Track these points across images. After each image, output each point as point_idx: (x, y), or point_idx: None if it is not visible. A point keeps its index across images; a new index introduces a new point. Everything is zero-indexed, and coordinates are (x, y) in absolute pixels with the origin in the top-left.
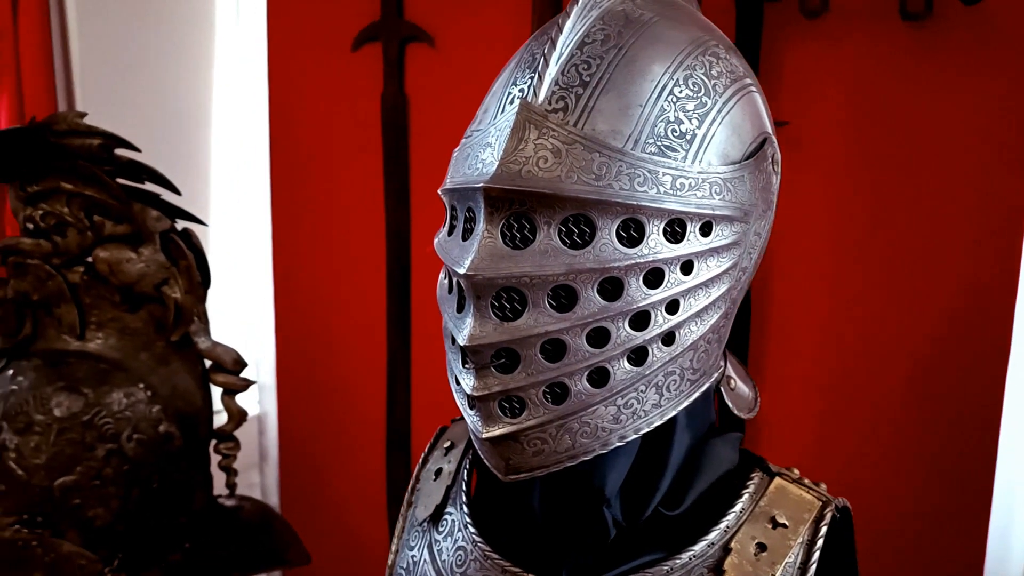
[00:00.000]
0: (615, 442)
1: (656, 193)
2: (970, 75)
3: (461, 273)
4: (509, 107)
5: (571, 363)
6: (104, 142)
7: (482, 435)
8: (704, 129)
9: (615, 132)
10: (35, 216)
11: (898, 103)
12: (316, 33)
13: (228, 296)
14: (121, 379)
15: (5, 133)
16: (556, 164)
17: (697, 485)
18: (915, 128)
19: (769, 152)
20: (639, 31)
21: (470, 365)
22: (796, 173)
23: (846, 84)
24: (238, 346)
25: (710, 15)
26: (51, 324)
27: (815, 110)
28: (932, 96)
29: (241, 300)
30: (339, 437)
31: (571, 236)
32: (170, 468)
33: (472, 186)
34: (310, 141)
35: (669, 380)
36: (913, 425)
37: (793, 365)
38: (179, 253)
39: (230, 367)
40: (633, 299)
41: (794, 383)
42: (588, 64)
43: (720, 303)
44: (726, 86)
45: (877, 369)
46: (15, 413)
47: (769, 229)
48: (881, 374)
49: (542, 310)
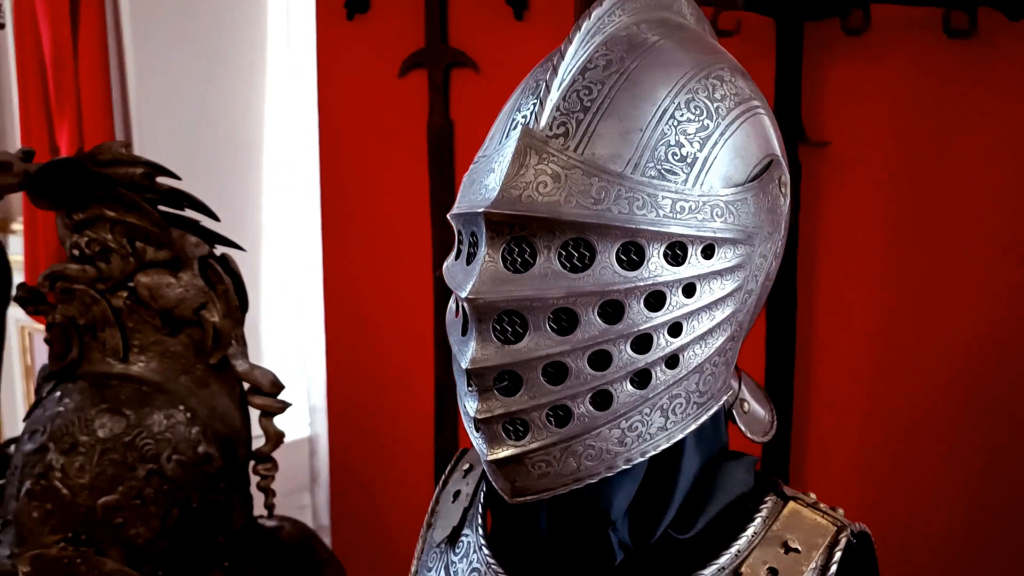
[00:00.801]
0: (621, 465)
1: (656, 216)
2: (1016, 90)
3: (463, 296)
4: (512, 133)
5: (573, 386)
6: (146, 170)
7: (487, 457)
8: (706, 152)
9: (615, 156)
10: (80, 243)
11: (942, 120)
12: (364, 61)
13: (280, 319)
14: (162, 401)
15: (51, 164)
16: (555, 189)
17: (709, 508)
18: (960, 145)
19: (776, 174)
20: (642, 55)
21: (473, 388)
22: (840, 192)
23: (889, 102)
24: (290, 368)
25: (751, 35)
26: (96, 347)
27: (858, 128)
28: (977, 112)
29: (292, 323)
30: (388, 459)
31: (571, 260)
32: (209, 488)
33: (474, 211)
34: (359, 166)
35: (675, 403)
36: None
37: (840, 381)
38: (217, 278)
39: (267, 389)
40: (634, 322)
41: (841, 399)
42: (589, 89)
43: (725, 326)
44: (730, 108)
45: (926, 384)
46: (61, 434)
47: (778, 251)
48: (930, 389)
49: (543, 333)
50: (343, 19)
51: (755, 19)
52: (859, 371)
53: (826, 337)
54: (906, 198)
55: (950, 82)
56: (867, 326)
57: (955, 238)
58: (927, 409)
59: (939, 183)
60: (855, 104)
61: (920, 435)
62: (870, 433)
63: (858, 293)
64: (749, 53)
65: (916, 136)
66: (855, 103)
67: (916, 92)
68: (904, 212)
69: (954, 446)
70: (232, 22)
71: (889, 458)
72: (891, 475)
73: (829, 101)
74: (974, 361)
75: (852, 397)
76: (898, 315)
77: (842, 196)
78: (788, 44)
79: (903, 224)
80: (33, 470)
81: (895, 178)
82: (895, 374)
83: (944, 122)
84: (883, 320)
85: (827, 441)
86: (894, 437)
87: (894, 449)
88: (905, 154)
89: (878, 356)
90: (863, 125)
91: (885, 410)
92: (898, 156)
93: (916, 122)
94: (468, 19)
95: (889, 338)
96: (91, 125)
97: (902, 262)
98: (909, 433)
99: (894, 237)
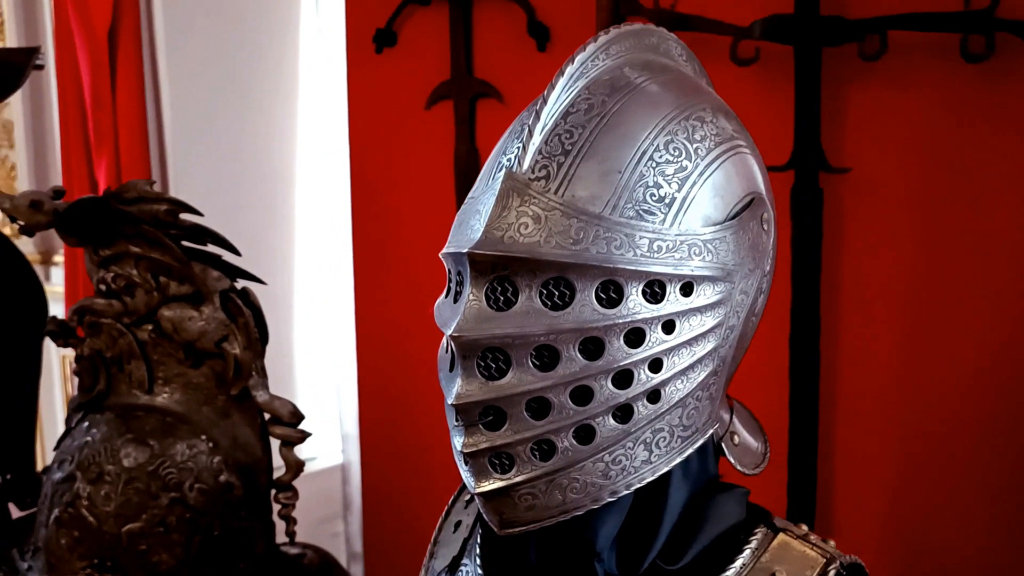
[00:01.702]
0: (606, 497)
1: (633, 256)
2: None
3: (448, 334)
4: (497, 175)
5: (556, 420)
6: (170, 207)
7: (474, 490)
8: (684, 192)
9: (594, 198)
10: (107, 278)
11: (962, 143)
12: (392, 93)
13: (312, 348)
14: (184, 431)
15: (78, 202)
16: (536, 230)
17: (699, 540)
18: (980, 168)
19: (758, 212)
20: (623, 98)
21: (460, 423)
22: (863, 217)
23: (909, 126)
24: (322, 397)
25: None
26: (123, 379)
27: (879, 154)
28: (996, 135)
29: (325, 352)
30: (420, 486)
31: (552, 298)
32: (230, 516)
33: (459, 251)
34: (388, 195)
35: (658, 437)
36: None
37: (866, 406)
38: (238, 311)
39: (287, 419)
40: (615, 358)
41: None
42: (571, 133)
43: (707, 361)
44: (709, 149)
45: (953, 407)
46: (88, 464)
47: (763, 286)
48: (957, 412)
49: (526, 369)
50: (372, 53)
51: (773, 48)
52: (886, 396)
53: (851, 362)
54: (928, 222)
55: (969, 106)
56: (892, 351)
57: (978, 261)
58: (955, 432)
59: (961, 206)
60: (875, 130)
61: (949, 458)
62: (898, 457)
63: (882, 318)
64: (768, 81)
65: (936, 160)
66: (875, 129)
67: (935, 116)
68: (926, 236)
69: (984, 466)
70: (264, 59)
71: (917, 484)
72: (920, 501)
73: (849, 127)
74: (1001, 384)
75: (879, 421)
76: (923, 340)
77: (864, 222)
78: (806, 71)
79: (926, 248)
80: (62, 498)
81: (917, 202)
82: (922, 398)
83: (964, 145)
84: (908, 345)
85: (854, 466)
86: (923, 460)
87: (923, 474)
88: (926, 178)
89: (904, 381)
90: (883, 150)
91: (913, 434)
92: (919, 180)
93: (936, 146)
94: (492, 51)
95: (915, 363)
96: (128, 161)
97: (926, 286)
98: (938, 457)
99: (917, 261)
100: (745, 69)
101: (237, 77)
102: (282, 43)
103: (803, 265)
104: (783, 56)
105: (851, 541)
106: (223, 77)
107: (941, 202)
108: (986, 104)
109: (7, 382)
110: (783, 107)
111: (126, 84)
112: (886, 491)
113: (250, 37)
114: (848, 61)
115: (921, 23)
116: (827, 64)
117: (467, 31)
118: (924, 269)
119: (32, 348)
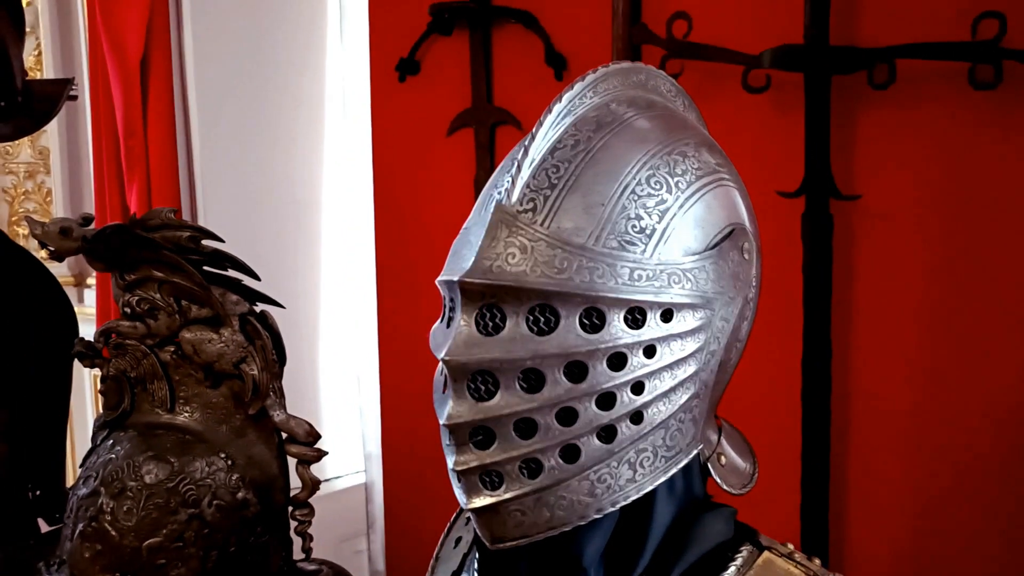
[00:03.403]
0: (592, 515)
1: (614, 284)
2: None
3: (440, 357)
4: (488, 207)
5: (542, 440)
6: (192, 234)
7: (465, 506)
8: (664, 224)
9: (578, 229)
10: (131, 301)
11: (971, 170)
12: (415, 121)
13: (337, 370)
14: (203, 449)
15: (104, 229)
16: (523, 259)
17: (686, 557)
18: (989, 193)
19: (739, 242)
20: (609, 134)
21: (451, 442)
22: (873, 244)
23: (918, 153)
24: (346, 418)
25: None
26: (146, 399)
27: (888, 181)
28: (1005, 162)
29: (349, 374)
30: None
31: (538, 324)
32: (246, 532)
33: (451, 279)
34: (411, 221)
35: (642, 457)
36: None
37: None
38: (256, 333)
39: (302, 439)
40: (598, 381)
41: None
42: (557, 168)
43: (689, 384)
44: (690, 182)
45: (967, 434)
46: (111, 479)
47: (747, 314)
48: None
49: (513, 391)
50: (396, 82)
51: (784, 76)
52: (898, 421)
53: (863, 388)
54: (937, 247)
55: (977, 133)
56: (903, 376)
57: (987, 286)
58: (970, 458)
59: (970, 232)
60: (884, 157)
61: (965, 484)
62: (911, 482)
63: (893, 343)
64: (779, 109)
65: (945, 187)
66: (884, 156)
67: (944, 143)
68: (936, 261)
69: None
70: (291, 87)
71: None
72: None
73: (859, 154)
74: (1016, 409)
75: (891, 446)
76: (934, 364)
77: (874, 248)
78: (816, 99)
79: (936, 274)
80: (86, 513)
81: (926, 228)
82: (934, 423)
83: (973, 172)
84: (920, 370)
85: (867, 491)
86: (936, 487)
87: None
88: (935, 204)
89: (916, 407)
90: (893, 177)
91: (926, 460)
92: (928, 207)
93: (945, 173)
94: (511, 80)
95: (927, 388)
96: (158, 187)
97: (936, 311)
98: (953, 484)
99: (927, 287)
100: (757, 97)
101: (264, 106)
102: (308, 72)
103: (814, 291)
104: (794, 84)
105: (865, 566)
106: (251, 106)
107: (950, 228)
108: (994, 131)
109: (38, 401)
110: (794, 135)
111: (157, 113)
112: (900, 517)
113: (277, 67)
114: (858, 89)
115: (929, 52)
116: (837, 92)
117: (487, 61)
118: (934, 294)
119: (62, 368)
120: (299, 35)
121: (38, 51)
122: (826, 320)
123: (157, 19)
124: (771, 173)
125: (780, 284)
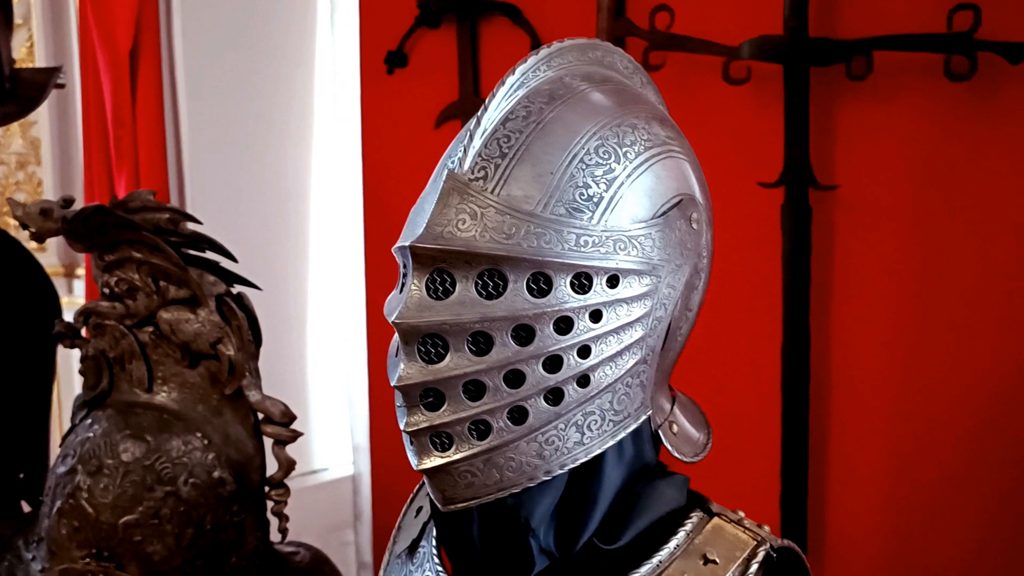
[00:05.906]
0: (541, 476)
1: (561, 249)
2: (1018, 131)
3: (391, 321)
4: (441, 176)
5: (491, 402)
6: (171, 216)
7: (416, 467)
8: (612, 192)
9: (527, 197)
10: (111, 282)
11: (947, 160)
12: (403, 112)
13: (325, 360)
14: (180, 428)
15: (84, 210)
16: (473, 225)
17: (637, 523)
18: (965, 183)
19: (688, 212)
20: (560, 106)
21: (402, 404)
22: (851, 233)
23: (895, 144)
24: (334, 409)
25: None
26: (124, 378)
27: (866, 171)
28: (980, 151)
29: (337, 364)
30: None
31: (487, 288)
32: (222, 510)
33: (403, 245)
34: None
35: (589, 420)
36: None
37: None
38: (232, 314)
39: (277, 419)
40: (545, 344)
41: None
42: (508, 138)
43: (635, 349)
44: (639, 153)
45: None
46: (89, 457)
47: (694, 284)
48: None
49: (462, 354)
50: (384, 74)
51: (764, 68)
52: (877, 409)
53: (842, 377)
54: (915, 236)
55: (953, 123)
56: (882, 365)
57: (965, 275)
58: (947, 444)
59: (947, 221)
60: (862, 147)
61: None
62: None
63: (872, 332)
64: (759, 101)
65: (922, 176)
66: (862, 146)
67: (920, 134)
68: (914, 250)
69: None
70: (280, 78)
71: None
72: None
73: (837, 145)
74: (993, 396)
75: (870, 434)
76: (912, 353)
77: (853, 237)
78: (795, 90)
79: (914, 263)
80: (64, 490)
81: (904, 218)
82: (912, 411)
83: (949, 161)
84: (898, 359)
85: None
86: (915, 472)
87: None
88: (913, 194)
89: (894, 395)
90: (871, 167)
91: (904, 446)
92: (906, 196)
93: (922, 163)
94: (499, 73)
95: (905, 376)
96: (147, 177)
97: (914, 300)
98: (930, 469)
99: (905, 276)
100: (737, 88)
101: (254, 96)
102: (298, 64)
103: (793, 280)
104: (774, 76)
105: (844, 552)
106: (240, 96)
107: (927, 217)
108: (970, 121)
109: (22, 385)
110: (774, 126)
111: (146, 103)
112: (879, 503)
113: (267, 58)
114: (836, 81)
115: (906, 44)
116: (816, 84)
117: (474, 54)
118: (912, 283)
119: (45, 351)
120: (289, 26)
121: (30, 43)
122: (805, 309)
123: (146, 11)
124: (751, 163)
125: (760, 273)
